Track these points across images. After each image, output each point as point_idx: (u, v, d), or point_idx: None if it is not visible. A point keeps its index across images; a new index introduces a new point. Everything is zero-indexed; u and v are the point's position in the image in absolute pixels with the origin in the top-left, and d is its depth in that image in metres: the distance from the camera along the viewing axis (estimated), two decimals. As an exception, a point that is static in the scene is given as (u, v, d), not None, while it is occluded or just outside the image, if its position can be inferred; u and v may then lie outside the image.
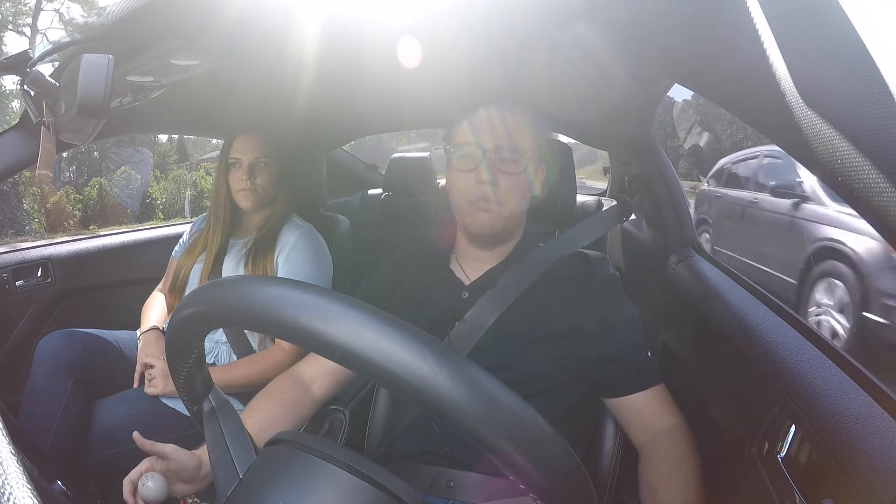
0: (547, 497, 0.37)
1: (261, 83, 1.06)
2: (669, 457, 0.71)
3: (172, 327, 0.46)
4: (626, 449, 0.82)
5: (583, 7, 0.60)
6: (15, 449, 0.29)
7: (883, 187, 0.27)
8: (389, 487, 0.40)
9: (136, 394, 1.08)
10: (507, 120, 0.79)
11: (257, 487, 0.44)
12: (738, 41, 0.37)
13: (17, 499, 0.25)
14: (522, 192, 0.81)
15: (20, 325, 1.38)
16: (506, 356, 0.78)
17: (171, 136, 11.72)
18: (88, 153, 10.59)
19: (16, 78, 0.68)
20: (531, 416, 0.35)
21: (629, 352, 0.78)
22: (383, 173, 2.01)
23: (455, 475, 0.76)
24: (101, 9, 0.72)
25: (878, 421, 0.48)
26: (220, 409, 0.54)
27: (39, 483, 0.66)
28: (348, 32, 0.73)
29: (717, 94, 0.46)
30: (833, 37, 0.30)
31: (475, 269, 0.86)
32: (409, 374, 0.32)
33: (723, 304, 0.85)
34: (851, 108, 0.29)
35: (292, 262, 1.16)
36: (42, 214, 9.10)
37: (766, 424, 0.61)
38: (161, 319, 1.22)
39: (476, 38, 0.76)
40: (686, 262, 1.07)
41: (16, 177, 7.58)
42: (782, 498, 0.54)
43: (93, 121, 0.59)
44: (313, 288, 0.37)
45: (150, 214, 10.80)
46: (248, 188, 1.16)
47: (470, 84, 0.98)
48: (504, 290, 0.80)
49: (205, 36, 0.69)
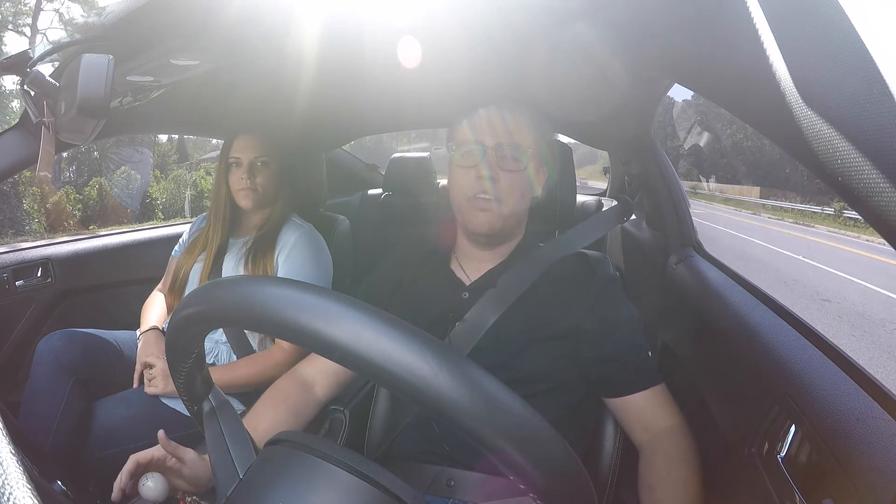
0: (547, 497, 0.37)
1: (261, 83, 1.06)
2: (668, 457, 0.71)
3: (172, 327, 0.46)
4: (626, 449, 0.82)
5: (583, 7, 0.60)
6: (15, 449, 0.29)
7: (883, 187, 0.27)
8: (389, 487, 0.40)
9: (136, 394, 1.08)
10: (509, 119, 0.79)
11: (257, 487, 0.44)
12: (738, 41, 0.37)
13: (17, 499, 0.25)
14: (523, 190, 0.81)
15: (20, 325, 1.38)
16: (506, 356, 0.78)
17: (171, 136, 11.74)
18: (88, 153, 10.59)
19: (16, 78, 0.68)
20: (531, 415, 0.35)
21: (629, 352, 0.78)
22: (383, 173, 2.01)
23: (455, 474, 0.76)
24: (101, 9, 0.72)
25: (878, 421, 0.48)
26: (220, 409, 0.54)
27: (39, 483, 0.66)
28: (348, 32, 0.73)
29: (717, 94, 0.46)
30: (833, 37, 0.30)
31: (476, 269, 0.86)
32: (409, 373, 0.32)
33: (723, 304, 0.85)
34: (851, 108, 0.29)
35: (292, 261, 1.16)
36: (42, 214, 9.11)
37: (766, 424, 0.61)
38: (161, 319, 1.22)
39: (476, 38, 0.76)
40: (686, 262, 1.07)
41: (16, 177, 7.59)
42: (782, 498, 0.54)
43: (93, 121, 0.59)
44: (313, 288, 0.37)
45: (150, 214, 10.81)
46: (247, 187, 1.16)
47: (470, 84, 0.98)
48: (504, 290, 0.80)
49: (205, 36, 0.69)
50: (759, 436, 0.62)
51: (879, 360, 3.89)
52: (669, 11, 0.48)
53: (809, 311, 5.01)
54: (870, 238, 11.24)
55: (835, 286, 6.35)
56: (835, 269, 7.46)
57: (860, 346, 4.19)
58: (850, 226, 13.46)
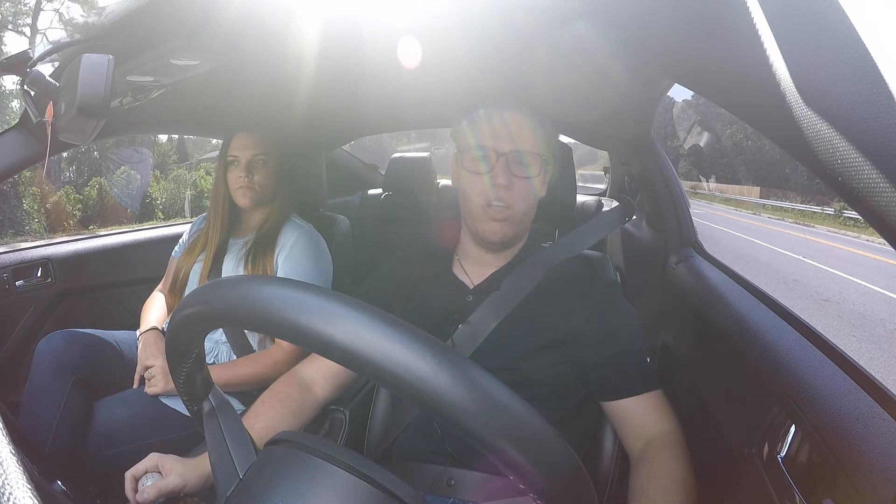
0: (547, 497, 0.37)
1: (261, 83, 1.06)
2: (662, 463, 0.69)
3: (172, 327, 0.46)
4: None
5: (583, 7, 0.60)
6: (15, 449, 0.29)
7: (883, 187, 0.27)
8: (389, 487, 0.40)
9: (136, 394, 1.08)
10: (516, 122, 0.78)
11: (257, 487, 0.44)
12: (738, 41, 0.37)
13: (17, 499, 0.25)
14: (533, 195, 0.81)
15: (20, 325, 1.38)
16: (508, 359, 0.78)
17: (171, 136, 11.74)
18: (88, 153, 10.59)
19: (16, 78, 0.68)
20: (531, 416, 0.35)
21: (628, 356, 0.78)
22: (383, 173, 2.01)
23: (456, 474, 0.76)
24: (101, 9, 0.72)
25: (878, 421, 0.48)
26: (220, 409, 0.54)
27: (39, 483, 0.66)
28: (348, 32, 0.73)
29: (717, 94, 0.46)
30: (833, 37, 0.30)
31: (479, 272, 0.86)
32: (410, 374, 0.32)
33: (723, 304, 0.85)
34: (851, 108, 0.29)
35: (292, 261, 1.16)
36: (42, 214, 9.11)
37: (766, 424, 0.61)
38: (161, 319, 1.22)
39: (476, 38, 0.76)
40: (686, 263, 1.08)
41: (16, 177, 7.58)
42: (782, 498, 0.54)
43: (93, 121, 0.59)
44: (313, 288, 0.37)
45: (150, 214, 10.81)
46: (245, 185, 1.16)
47: (470, 84, 0.98)
48: (508, 293, 0.80)
49: (205, 36, 0.69)
50: (759, 436, 0.62)
51: (879, 359, 3.89)
52: (669, 11, 0.48)
53: (809, 311, 5.01)
54: (870, 238, 11.23)
55: (835, 286, 6.34)
56: (835, 269, 7.45)
57: (860, 346, 4.19)
58: (850, 226, 13.45)
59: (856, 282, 6.64)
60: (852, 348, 4.02)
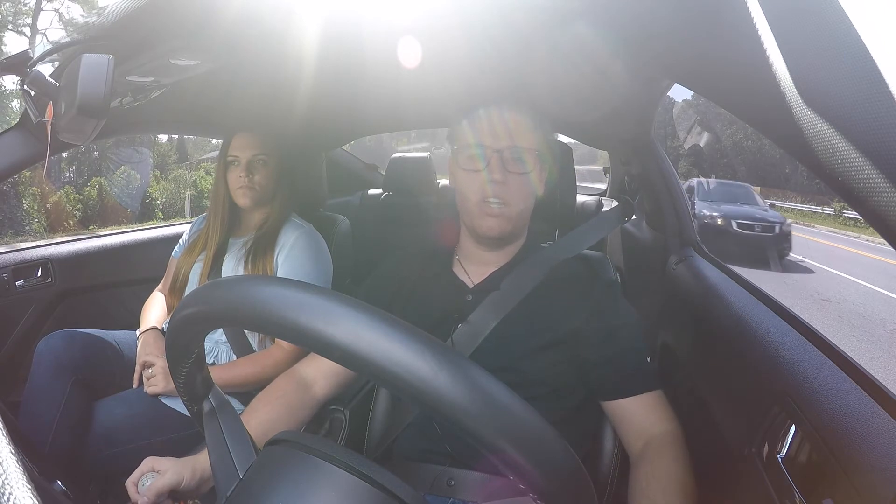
0: (547, 497, 0.37)
1: (261, 83, 1.06)
2: (661, 462, 0.69)
3: (172, 327, 0.46)
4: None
5: (583, 7, 0.60)
6: (15, 449, 0.29)
7: (883, 187, 0.27)
8: (389, 487, 0.40)
9: (136, 394, 1.08)
10: (512, 120, 0.79)
11: (257, 487, 0.44)
12: (738, 41, 0.37)
13: (17, 499, 0.25)
14: (529, 192, 0.81)
15: (20, 325, 1.38)
16: (508, 359, 0.78)
17: (171, 136, 11.73)
18: (88, 153, 10.58)
19: (16, 78, 0.68)
20: (531, 416, 0.35)
21: (628, 355, 0.77)
22: (383, 173, 2.01)
23: (456, 474, 0.76)
24: (101, 9, 0.72)
25: (878, 421, 0.48)
26: (220, 409, 0.54)
27: (39, 483, 0.66)
28: (348, 32, 0.73)
29: (717, 94, 0.46)
30: (833, 37, 0.30)
31: (479, 271, 0.86)
32: (409, 374, 0.32)
33: (723, 304, 0.85)
34: (851, 108, 0.29)
35: (292, 261, 1.16)
36: (42, 214, 9.10)
37: (766, 424, 0.61)
38: (161, 319, 1.22)
39: (476, 38, 0.76)
40: (686, 262, 1.08)
41: (16, 177, 7.59)
42: (782, 498, 0.54)
43: (93, 121, 0.59)
44: (313, 288, 0.37)
45: (150, 214, 10.80)
46: (245, 185, 1.16)
47: (470, 84, 0.98)
48: (508, 293, 0.80)
49: (205, 36, 0.69)
50: (759, 436, 0.62)
51: (879, 359, 3.89)
52: (669, 12, 0.48)
53: (809, 311, 5.00)
54: (870, 238, 11.22)
55: (835, 286, 6.34)
56: (835, 269, 7.45)
57: (860, 346, 4.19)
58: (850, 226, 13.44)
59: (856, 282, 6.64)
60: (852, 348, 4.02)
